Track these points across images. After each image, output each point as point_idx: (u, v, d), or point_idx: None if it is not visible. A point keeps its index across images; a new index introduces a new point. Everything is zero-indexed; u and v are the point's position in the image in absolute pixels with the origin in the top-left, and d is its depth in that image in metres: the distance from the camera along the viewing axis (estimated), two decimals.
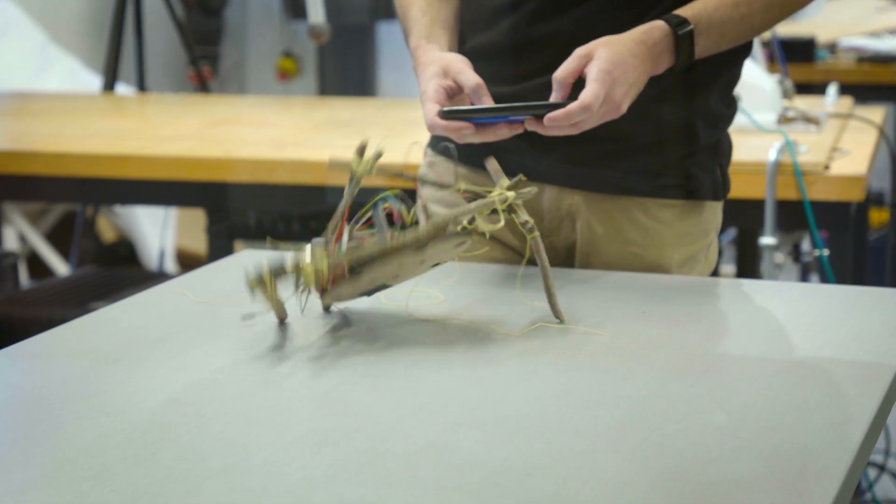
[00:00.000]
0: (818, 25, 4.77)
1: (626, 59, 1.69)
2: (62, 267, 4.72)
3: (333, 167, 1.53)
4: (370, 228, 1.56)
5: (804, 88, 3.64)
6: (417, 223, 1.57)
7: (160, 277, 3.61)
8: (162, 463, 1.23)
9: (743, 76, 1.94)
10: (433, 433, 1.29)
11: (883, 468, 3.27)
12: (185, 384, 1.43)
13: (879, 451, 3.25)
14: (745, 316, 1.73)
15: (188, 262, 4.87)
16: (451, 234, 1.54)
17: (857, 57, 4.41)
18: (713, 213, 1.93)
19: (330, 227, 1.56)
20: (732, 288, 1.90)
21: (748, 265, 3.62)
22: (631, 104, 1.71)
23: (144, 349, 1.55)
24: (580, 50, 1.70)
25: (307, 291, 1.53)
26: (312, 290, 1.54)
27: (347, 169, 1.55)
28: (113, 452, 1.25)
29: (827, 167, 2.63)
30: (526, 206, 1.88)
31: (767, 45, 3.66)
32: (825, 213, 2.61)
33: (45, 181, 3.02)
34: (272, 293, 1.51)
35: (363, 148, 1.57)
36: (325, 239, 1.56)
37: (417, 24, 1.84)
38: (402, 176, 1.57)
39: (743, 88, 1.99)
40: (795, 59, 4.20)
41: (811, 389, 1.42)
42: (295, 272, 1.50)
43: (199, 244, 4.82)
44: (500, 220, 1.58)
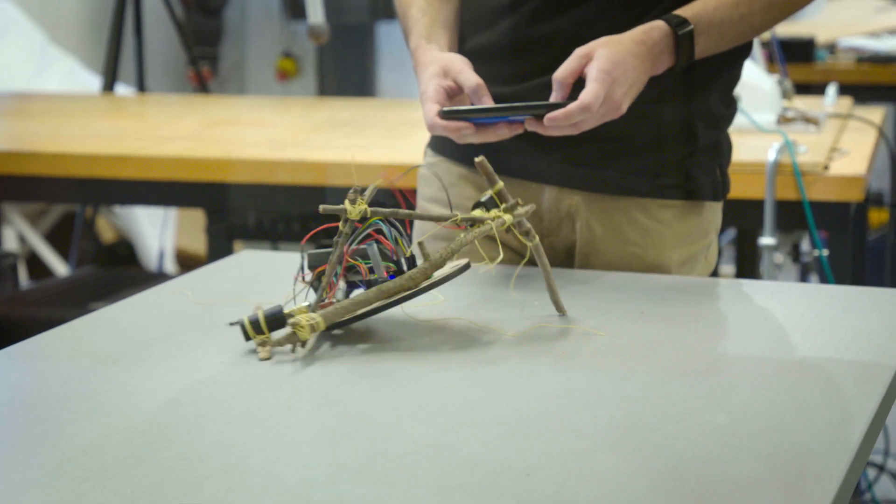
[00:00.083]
0: (817, 25, 4.77)
1: (625, 59, 1.69)
2: (62, 267, 4.72)
3: (326, 212, 1.50)
4: (364, 259, 1.55)
5: (803, 89, 3.64)
6: (412, 257, 1.56)
7: (160, 278, 3.61)
8: (161, 463, 1.23)
9: (742, 76, 1.94)
10: (433, 433, 1.29)
11: (882, 468, 3.27)
12: (184, 384, 1.43)
13: (879, 451, 3.25)
14: (744, 316, 1.73)
15: (188, 262, 4.87)
16: (451, 274, 1.54)
17: (856, 57, 4.41)
18: (713, 213, 1.93)
19: (326, 276, 1.54)
20: (732, 288, 1.90)
21: (747, 265, 3.62)
22: (631, 104, 1.71)
23: (144, 349, 1.55)
24: (580, 50, 1.70)
25: (301, 344, 1.53)
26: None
27: (340, 213, 1.51)
28: (112, 452, 1.25)
29: (826, 167, 2.63)
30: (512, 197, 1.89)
31: (767, 45, 3.66)
32: (824, 213, 2.61)
33: (44, 181, 3.02)
34: (267, 348, 1.50)
35: (356, 195, 1.51)
36: (320, 289, 1.54)
37: (417, 24, 1.84)
38: (395, 213, 1.54)
39: (742, 89, 1.99)
40: (795, 59, 4.20)
41: (810, 389, 1.42)
42: (292, 327, 1.49)
43: (198, 244, 4.82)
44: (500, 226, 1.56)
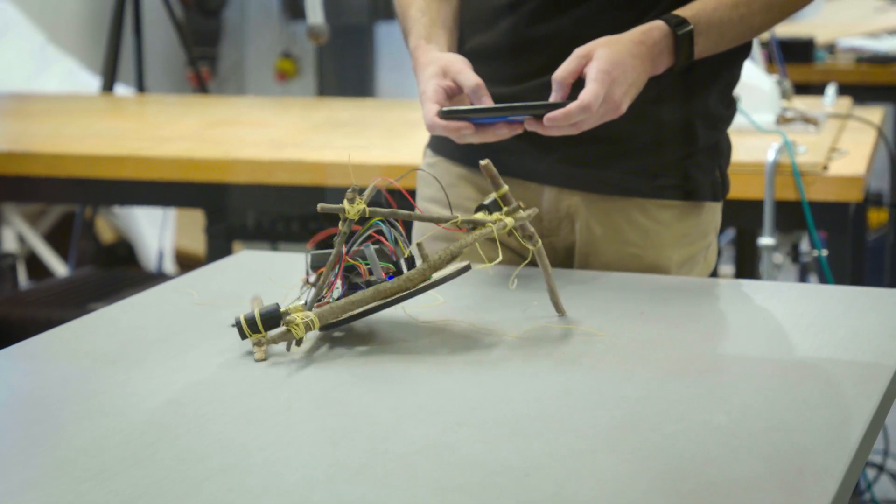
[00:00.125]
0: (817, 26, 4.77)
1: (625, 59, 1.69)
2: (61, 268, 4.72)
3: (324, 212, 1.50)
4: (365, 261, 1.54)
5: (803, 89, 3.65)
6: (411, 257, 1.56)
7: (159, 278, 3.61)
8: (161, 463, 1.23)
9: (741, 77, 1.94)
10: (432, 433, 1.29)
11: (882, 468, 3.27)
12: (184, 384, 1.43)
13: (878, 451, 3.25)
14: (743, 316, 1.73)
15: (187, 262, 4.87)
16: (450, 275, 1.54)
17: (855, 57, 4.41)
18: (712, 213, 1.93)
19: (324, 275, 1.53)
20: (731, 288, 1.89)
21: (747, 265, 3.62)
22: (630, 105, 1.71)
23: (143, 350, 1.55)
24: (579, 50, 1.70)
25: (297, 343, 1.53)
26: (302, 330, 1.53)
27: (338, 212, 1.50)
28: (112, 453, 1.25)
29: (825, 167, 2.63)
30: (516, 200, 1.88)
31: (766, 45, 3.66)
32: (824, 213, 2.61)
33: (43, 182, 3.02)
34: (263, 348, 1.50)
35: (354, 194, 1.51)
36: (318, 288, 1.54)
37: (417, 24, 1.84)
38: (394, 214, 1.54)
39: (742, 89, 1.99)
40: (794, 59, 4.20)
41: (810, 389, 1.42)
42: (286, 325, 1.49)
43: (197, 245, 4.82)
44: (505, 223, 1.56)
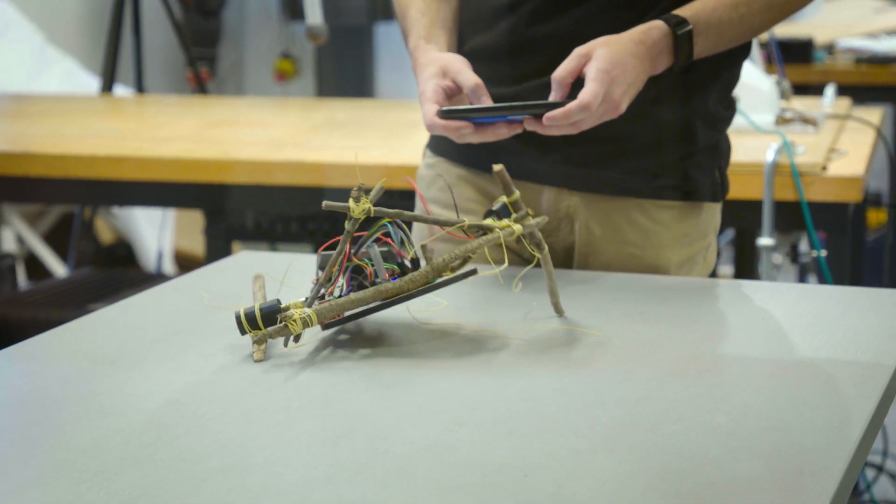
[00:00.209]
0: (816, 26, 4.77)
1: (624, 58, 1.69)
2: (60, 268, 4.72)
3: (329, 209, 1.50)
4: (370, 262, 1.54)
5: (802, 89, 3.65)
6: (416, 259, 1.56)
7: (158, 279, 3.61)
8: (160, 463, 1.23)
9: (740, 77, 1.94)
10: (432, 433, 1.29)
11: (881, 469, 3.27)
12: (183, 385, 1.43)
13: (877, 451, 3.25)
14: (743, 317, 1.73)
15: (186, 263, 4.87)
16: (453, 278, 1.53)
17: (854, 58, 4.41)
18: (712, 214, 1.93)
19: (324, 274, 1.53)
20: (731, 289, 1.89)
21: (746, 266, 3.62)
22: (630, 105, 1.71)
23: (143, 350, 1.55)
24: (579, 49, 1.70)
25: (294, 339, 1.53)
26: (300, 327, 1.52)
27: (343, 211, 1.50)
28: (111, 453, 1.25)
29: (825, 168, 2.63)
30: (525, 206, 1.88)
31: (765, 45, 3.66)
32: (823, 213, 2.61)
33: (43, 182, 3.02)
34: (262, 347, 1.50)
35: (359, 193, 1.50)
36: (318, 285, 1.53)
37: (416, 24, 1.84)
38: (400, 214, 1.53)
39: (741, 89, 1.99)
40: (793, 59, 4.21)
41: (809, 390, 1.42)
42: (283, 321, 1.49)
43: (197, 245, 4.82)
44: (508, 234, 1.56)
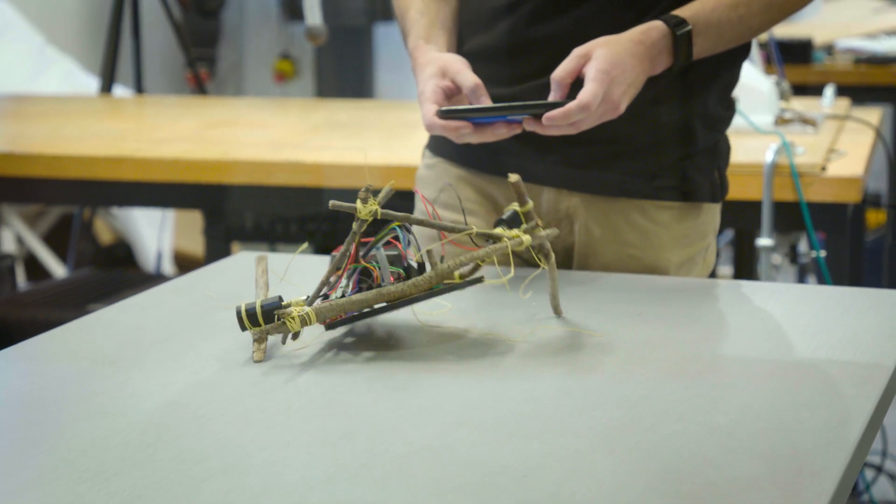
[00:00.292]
0: (815, 27, 4.77)
1: (624, 58, 1.69)
2: (60, 269, 4.72)
3: (335, 208, 1.49)
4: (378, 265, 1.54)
5: (801, 90, 3.65)
6: (422, 264, 1.55)
7: (158, 279, 3.61)
8: (160, 464, 1.23)
9: (740, 77, 1.94)
10: (431, 434, 1.29)
11: (880, 469, 3.27)
12: (182, 385, 1.43)
13: (876, 452, 3.25)
14: (742, 317, 1.73)
15: (185, 263, 4.87)
16: (459, 284, 1.53)
17: (854, 58, 4.41)
18: (711, 215, 1.93)
19: (328, 272, 1.53)
20: (730, 289, 1.89)
21: (745, 266, 3.62)
22: (629, 106, 1.71)
23: (142, 351, 1.55)
24: (578, 50, 1.70)
25: (293, 335, 1.53)
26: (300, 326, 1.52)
27: (350, 211, 1.49)
28: (111, 453, 1.25)
29: (824, 168, 2.63)
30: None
31: (764, 46, 3.66)
32: (822, 214, 2.61)
33: (42, 183, 3.02)
34: (262, 347, 1.50)
35: (367, 195, 1.50)
36: (321, 284, 1.53)
37: (416, 24, 1.84)
38: (408, 218, 1.53)
39: (740, 90, 1.99)
40: (792, 60, 4.21)
41: (808, 390, 1.42)
42: (282, 318, 1.49)
43: (196, 246, 4.82)
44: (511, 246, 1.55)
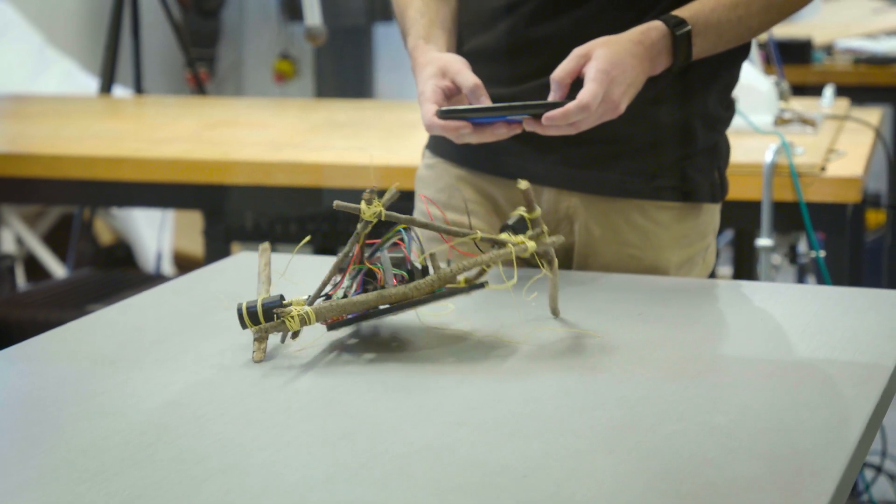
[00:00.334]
0: (815, 27, 4.77)
1: (624, 59, 1.69)
2: (59, 269, 4.72)
3: (339, 209, 1.49)
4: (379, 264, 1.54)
5: (800, 90, 3.65)
6: (425, 267, 1.55)
7: (157, 279, 3.61)
8: (160, 464, 1.23)
9: (739, 78, 1.94)
10: (431, 434, 1.29)
11: (880, 469, 3.27)
12: (182, 385, 1.43)
13: (876, 452, 3.25)
14: (742, 317, 1.74)
15: (185, 264, 4.87)
16: (461, 289, 1.53)
17: (853, 58, 4.41)
18: (711, 215, 1.93)
19: (330, 273, 1.53)
20: (730, 289, 1.90)
21: (745, 267, 3.62)
22: (629, 106, 1.71)
23: (142, 351, 1.55)
24: (578, 50, 1.70)
25: (292, 334, 1.52)
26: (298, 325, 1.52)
27: (354, 212, 1.49)
28: (111, 453, 1.25)
29: (823, 169, 2.63)
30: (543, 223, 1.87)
31: (764, 46, 3.66)
32: (822, 214, 2.61)
33: (42, 183, 3.02)
34: (262, 346, 1.50)
35: (371, 195, 1.49)
36: (322, 284, 1.53)
37: (416, 24, 1.84)
38: (412, 221, 1.53)
39: (739, 90, 1.99)
40: (792, 60, 4.21)
41: (808, 390, 1.42)
42: (281, 316, 1.49)
43: (196, 246, 4.82)
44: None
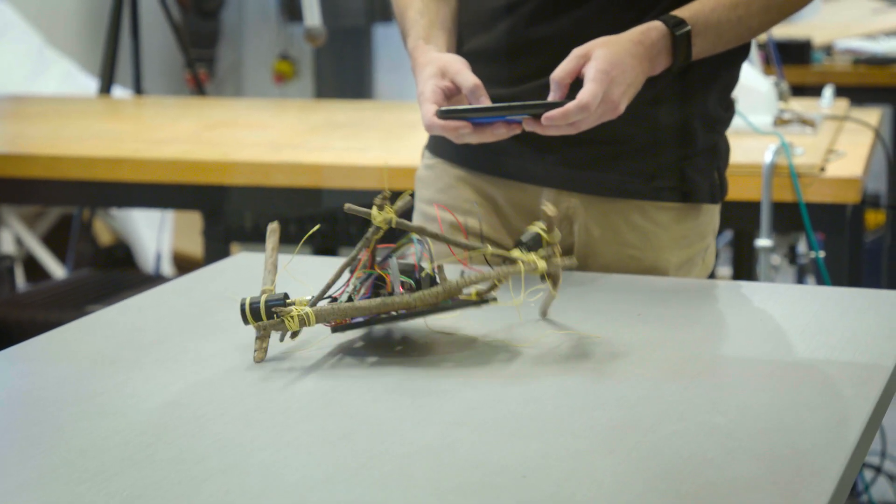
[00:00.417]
0: (814, 27, 4.77)
1: (623, 59, 1.69)
2: (59, 270, 4.72)
3: (350, 212, 1.49)
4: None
5: (800, 90, 3.65)
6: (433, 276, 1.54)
7: (157, 280, 3.61)
8: (159, 464, 1.23)
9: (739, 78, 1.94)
10: (430, 434, 1.29)
11: (879, 470, 3.28)
12: (182, 386, 1.43)
13: (875, 452, 3.25)
14: (741, 318, 1.74)
15: (185, 264, 4.87)
16: (468, 301, 1.52)
17: (852, 59, 4.41)
18: (711, 215, 1.93)
19: (334, 275, 1.53)
20: (729, 290, 1.90)
21: (744, 267, 3.62)
22: (629, 107, 1.71)
23: (141, 351, 1.55)
24: (578, 50, 1.70)
25: (291, 334, 1.52)
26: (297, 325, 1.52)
27: (365, 217, 1.48)
28: (110, 454, 1.25)
29: (823, 169, 2.63)
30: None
31: (763, 46, 3.66)
32: (821, 214, 2.61)
33: (41, 184, 3.02)
34: (263, 346, 1.50)
35: (383, 201, 1.49)
36: (326, 286, 1.53)
37: (415, 25, 1.84)
38: (423, 231, 1.52)
39: (739, 90, 1.99)
40: (791, 61, 4.21)
41: (807, 391, 1.42)
42: (281, 315, 1.49)
43: (195, 247, 4.82)
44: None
